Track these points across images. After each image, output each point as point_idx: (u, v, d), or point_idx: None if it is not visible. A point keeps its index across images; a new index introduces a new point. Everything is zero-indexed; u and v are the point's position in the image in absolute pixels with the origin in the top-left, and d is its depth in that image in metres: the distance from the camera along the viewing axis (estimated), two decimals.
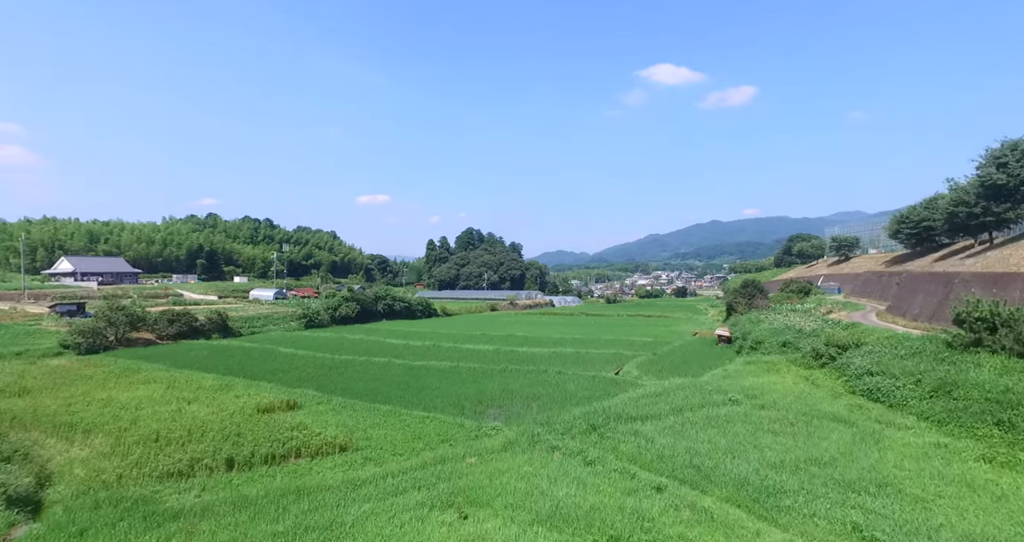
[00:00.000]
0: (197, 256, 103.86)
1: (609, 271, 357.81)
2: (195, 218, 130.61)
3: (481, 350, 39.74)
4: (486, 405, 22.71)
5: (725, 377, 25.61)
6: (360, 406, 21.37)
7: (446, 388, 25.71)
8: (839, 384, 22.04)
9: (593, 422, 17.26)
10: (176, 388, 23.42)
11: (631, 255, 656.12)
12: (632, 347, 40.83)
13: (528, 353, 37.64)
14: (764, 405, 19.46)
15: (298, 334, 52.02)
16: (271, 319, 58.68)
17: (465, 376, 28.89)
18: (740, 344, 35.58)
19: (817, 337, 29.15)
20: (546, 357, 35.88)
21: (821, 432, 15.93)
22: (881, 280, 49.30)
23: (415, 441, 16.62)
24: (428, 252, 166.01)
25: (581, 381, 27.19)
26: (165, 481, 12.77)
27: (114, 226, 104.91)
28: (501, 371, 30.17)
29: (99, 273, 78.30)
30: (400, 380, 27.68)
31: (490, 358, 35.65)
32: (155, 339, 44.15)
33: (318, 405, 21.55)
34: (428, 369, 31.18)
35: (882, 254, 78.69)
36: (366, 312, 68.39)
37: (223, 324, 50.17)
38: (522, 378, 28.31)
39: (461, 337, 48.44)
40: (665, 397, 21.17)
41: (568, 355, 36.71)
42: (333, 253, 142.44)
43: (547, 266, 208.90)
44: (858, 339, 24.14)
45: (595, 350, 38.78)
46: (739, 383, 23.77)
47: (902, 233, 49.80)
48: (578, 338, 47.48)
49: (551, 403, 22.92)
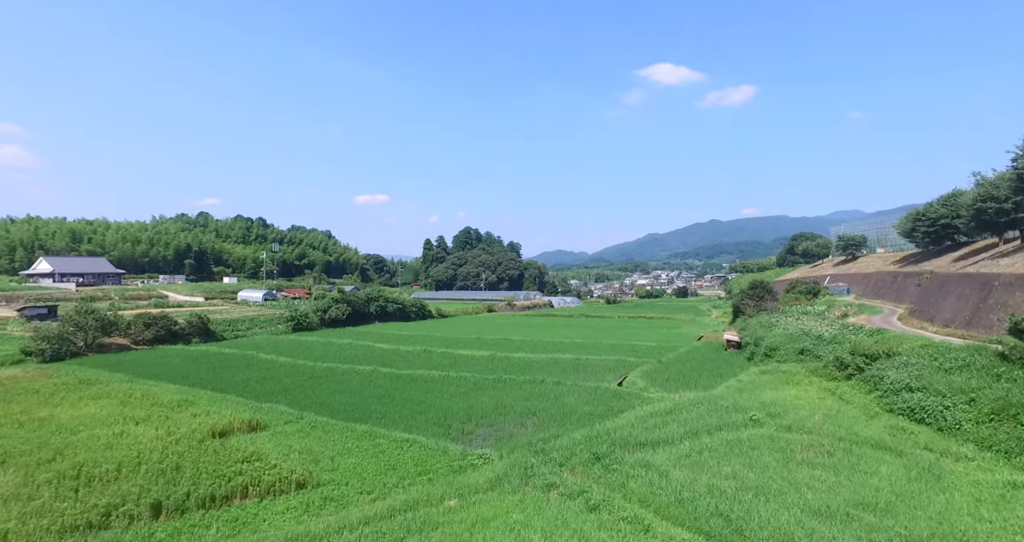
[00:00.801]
0: (185, 256, 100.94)
1: (608, 271, 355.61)
2: (185, 217, 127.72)
3: (474, 356, 37.33)
4: (475, 423, 20.31)
5: (741, 390, 23.21)
6: (334, 426, 18.95)
7: (433, 402, 23.30)
8: (872, 400, 19.63)
9: (596, 450, 14.83)
10: (130, 405, 20.96)
11: (630, 255, 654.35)
12: (635, 353, 38.43)
13: (524, 360, 35.23)
14: (791, 426, 17.05)
15: (284, 338, 49.56)
16: (257, 322, 56.18)
17: (455, 387, 26.48)
18: (752, 350, 33.18)
19: (839, 344, 26.77)
20: (543, 364, 33.48)
21: (866, 464, 13.52)
22: (896, 281, 46.93)
23: (388, 473, 14.20)
24: (425, 252, 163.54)
25: (581, 393, 24.79)
26: (67, 537, 10.31)
27: (98, 225, 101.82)
28: (494, 382, 27.75)
29: (79, 274, 75.55)
30: (383, 392, 25.26)
31: (483, 366, 33.25)
32: (130, 344, 41.66)
33: (286, 424, 19.12)
34: (415, 379, 28.75)
35: (891, 253, 76.40)
36: (358, 314, 65.92)
37: (204, 328, 47.68)
38: (517, 390, 25.91)
39: (454, 341, 46.02)
40: (677, 416, 18.76)
41: (567, 362, 34.30)
42: (327, 253, 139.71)
43: (546, 266, 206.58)
44: (889, 348, 21.74)
45: (596, 356, 36.37)
46: (757, 397, 21.37)
47: (918, 231, 47.42)
48: (578, 342, 45.07)
49: (548, 421, 20.53)
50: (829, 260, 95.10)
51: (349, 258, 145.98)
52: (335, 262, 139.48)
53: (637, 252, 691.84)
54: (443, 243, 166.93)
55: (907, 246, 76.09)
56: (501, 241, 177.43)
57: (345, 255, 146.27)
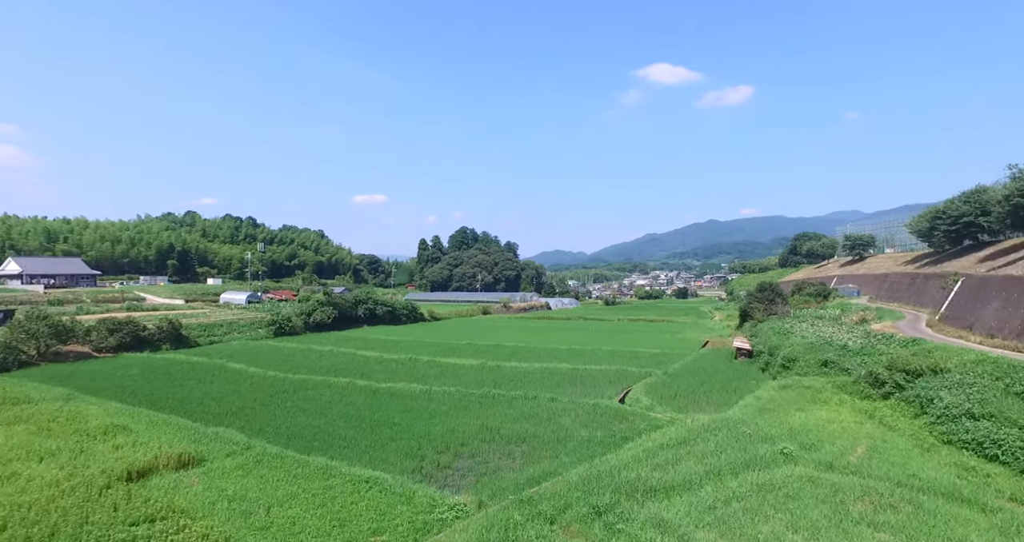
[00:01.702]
0: (168, 256, 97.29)
1: (607, 271, 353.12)
2: (172, 216, 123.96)
3: (463, 366, 34.35)
4: (455, 453, 17.32)
5: (761, 410, 20.23)
6: (285, 459, 15.92)
7: (408, 425, 20.29)
8: (922, 428, 16.67)
9: (597, 501, 11.83)
10: (48, 432, 17.87)
11: (628, 255, 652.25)
12: (637, 361, 35.48)
13: (517, 370, 32.25)
14: (832, 463, 14.08)
15: (262, 344, 46.44)
16: (236, 326, 53.06)
17: (436, 405, 23.48)
18: (767, 360, 30.22)
19: (868, 356, 23.80)
20: (537, 376, 30.50)
21: (945, 525, 10.53)
22: (915, 283, 44.03)
23: (333, 534, 11.19)
24: (420, 252, 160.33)
25: (579, 413, 21.83)
26: None
27: (76, 224, 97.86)
28: (481, 398, 24.76)
29: (51, 275, 72.00)
30: (354, 412, 22.24)
31: (472, 377, 30.26)
32: (91, 352, 38.53)
33: (228, 457, 16.08)
34: (394, 395, 25.74)
35: (901, 253, 73.58)
36: (345, 317, 62.86)
37: (176, 333, 44.56)
38: (506, 408, 22.93)
39: (444, 348, 43.00)
40: (692, 447, 15.78)
41: (563, 373, 31.33)
42: (319, 253, 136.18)
43: (544, 266, 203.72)
44: (934, 363, 18.79)
45: (594, 366, 33.41)
46: (783, 421, 18.40)
47: (938, 230, 44.49)
48: (575, 349, 42.10)
49: (541, 449, 17.58)
50: (835, 260, 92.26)
51: (342, 258, 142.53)
52: (327, 262, 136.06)
53: (636, 252, 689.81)
54: (439, 243, 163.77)
55: (917, 246, 73.26)
56: (498, 241, 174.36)
57: (338, 255, 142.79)
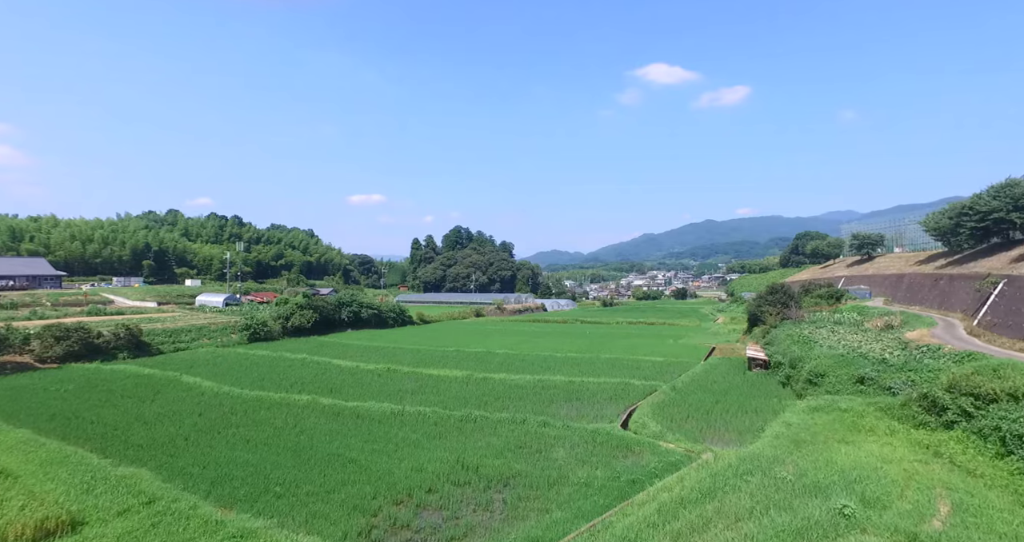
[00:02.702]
0: (143, 256, 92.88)
1: (604, 271, 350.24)
2: (153, 214, 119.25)
3: (446, 378, 30.73)
4: (418, 504, 13.70)
5: (796, 442, 16.67)
6: (193, 520, 12.27)
7: (368, 462, 16.63)
8: (1014, 473, 13.11)
9: None
10: None
11: (625, 255, 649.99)
12: (640, 372, 31.93)
13: (506, 384, 28.64)
14: (916, 535, 10.45)
15: (230, 352, 42.60)
16: (207, 332, 49.25)
17: (407, 431, 19.84)
18: (787, 373, 26.67)
19: (915, 373, 20.25)
20: (529, 391, 26.90)
21: None
22: (939, 285, 40.62)
23: None
24: (413, 252, 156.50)
25: (575, 443, 18.26)
26: None
27: (44, 222, 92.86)
28: (461, 421, 21.13)
29: (9, 276, 67.48)
30: (307, 443, 18.55)
31: (454, 393, 26.62)
32: (33, 363, 34.69)
33: (118, 517, 12.42)
34: (361, 417, 22.07)
35: (913, 253, 70.31)
36: (327, 321, 59.07)
37: (135, 341, 40.70)
38: (489, 435, 19.33)
39: (428, 356, 39.35)
40: (720, 503, 12.20)
41: (558, 387, 27.74)
42: (308, 253, 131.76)
43: (540, 266, 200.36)
44: (1015, 387, 15.25)
45: (593, 378, 29.83)
46: (828, 459, 14.83)
47: (964, 227, 41.05)
48: (571, 357, 38.52)
49: (528, 498, 13.99)
50: (840, 260, 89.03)
51: (331, 259, 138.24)
52: (316, 263, 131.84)
53: (632, 252, 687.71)
54: (432, 243, 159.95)
55: (929, 245, 70.11)
56: (493, 241, 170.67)
57: (327, 255, 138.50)
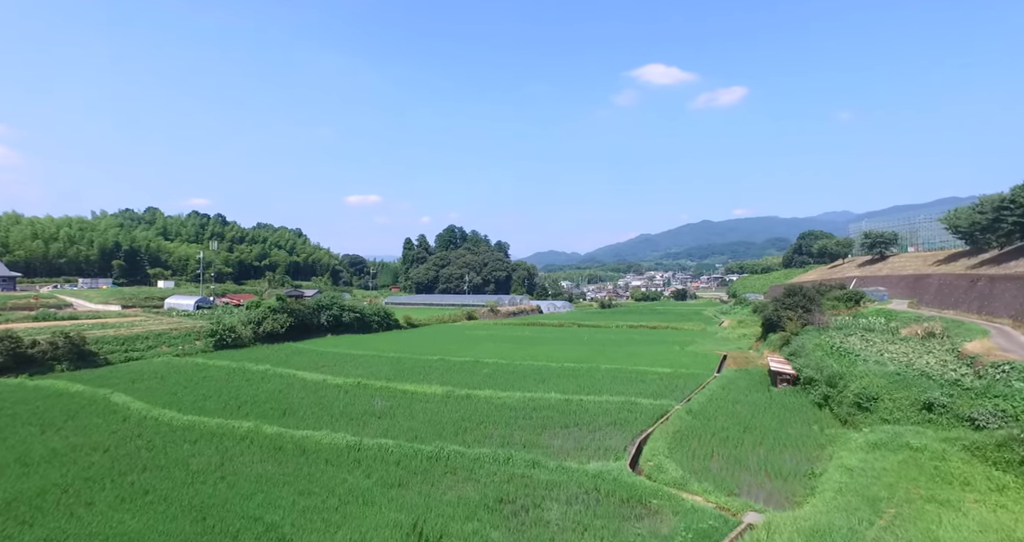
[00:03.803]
0: (113, 256, 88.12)
1: (601, 271, 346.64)
2: (130, 212, 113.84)
3: (422, 395, 26.41)
4: None
5: (870, 503, 12.40)
6: None
7: (291, 532, 12.23)
8: None
9: None
10: None
11: (622, 255, 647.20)
12: (646, 387, 27.68)
13: (491, 403, 24.33)
14: None
15: (188, 362, 38.10)
16: (167, 338, 44.71)
17: (358, 477, 15.49)
18: (825, 393, 22.42)
19: (1004, 399, 16.02)
20: (517, 413, 22.60)
21: None
22: (976, 287, 36.53)
23: None
24: (405, 252, 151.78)
25: (573, 493, 14.01)
26: None
27: (5, 220, 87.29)
28: (431, 459, 16.80)
29: None
30: (219, 498, 14.11)
31: (428, 417, 22.27)
32: None
33: None
34: (305, 453, 17.68)
35: (930, 252, 66.37)
36: (304, 326, 54.58)
37: (76, 350, 36.15)
38: (463, 481, 15.04)
39: (408, 367, 35.02)
40: None
41: (552, 407, 23.47)
42: (295, 253, 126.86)
43: (536, 267, 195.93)
44: None
45: (593, 396, 25.57)
46: (930, 540, 10.55)
47: (1004, 222, 36.97)
48: (568, 368, 34.27)
49: None
50: (850, 260, 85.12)
51: (319, 259, 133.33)
52: (304, 263, 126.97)
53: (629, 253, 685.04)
54: (425, 242, 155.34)
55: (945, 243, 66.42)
56: (488, 240, 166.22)
57: (315, 255, 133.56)
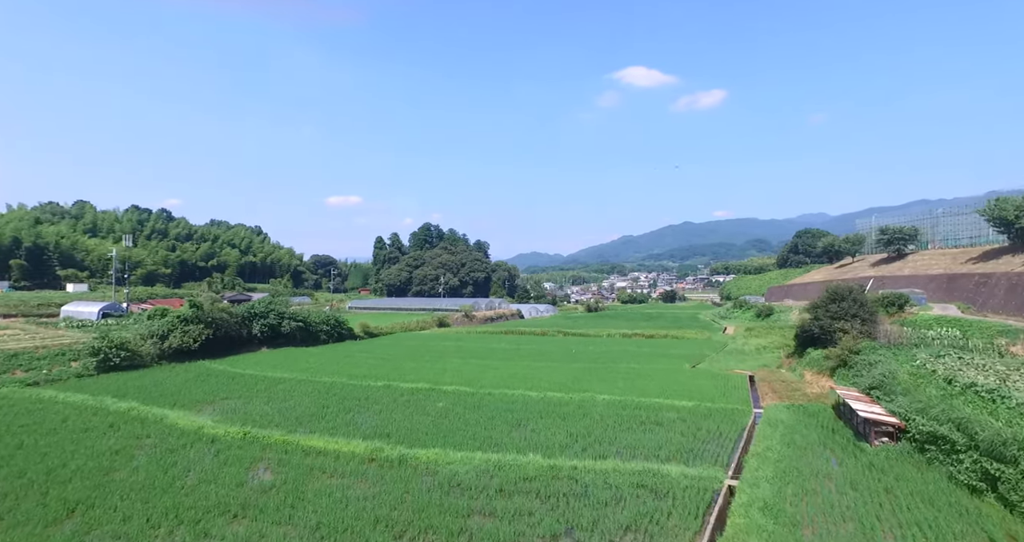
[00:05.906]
0: (11, 255, 76.60)
1: (585, 273, 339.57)
2: (54, 206, 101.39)
3: (332, 460, 16.88)
4: None
5: None
6: None
7: None
8: None
9: None
10: None
11: (605, 256, 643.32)
12: (669, 437, 18.63)
13: (432, 481, 14.90)
14: None
15: (28, 396, 27.75)
16: (28, 359, 34.34)
17: None
18: (982, 466, 13.56)
19: None
20: (474, 499, 13.24)
21: None
22: None
23: None
24: (376, 252, 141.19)
25: None
26: None
27: None
28: None
29: None
30: None
31: (319, 515, 12.73)
32: None
33: None
34: None
35: (959, 249, 59.02)
36: (229, 339, 44.43)
37: None
38: None
39: (337, 398, 25.43)
40: None
41: (532, 489, 14.20)
42: (251, 253, 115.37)
43: (517, 267, 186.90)
44: None
45: (594, 462, 16.40)
46: None
47: None
48: (554, 399, 25.11)
49: None
50: (861, 259, 77.83)
51: (279, 259, 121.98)
52: (261, 263, 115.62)
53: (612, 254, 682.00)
54: (398, 241, 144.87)
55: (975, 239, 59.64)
56: (466, 240, 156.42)
57: (274, 255, 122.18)
